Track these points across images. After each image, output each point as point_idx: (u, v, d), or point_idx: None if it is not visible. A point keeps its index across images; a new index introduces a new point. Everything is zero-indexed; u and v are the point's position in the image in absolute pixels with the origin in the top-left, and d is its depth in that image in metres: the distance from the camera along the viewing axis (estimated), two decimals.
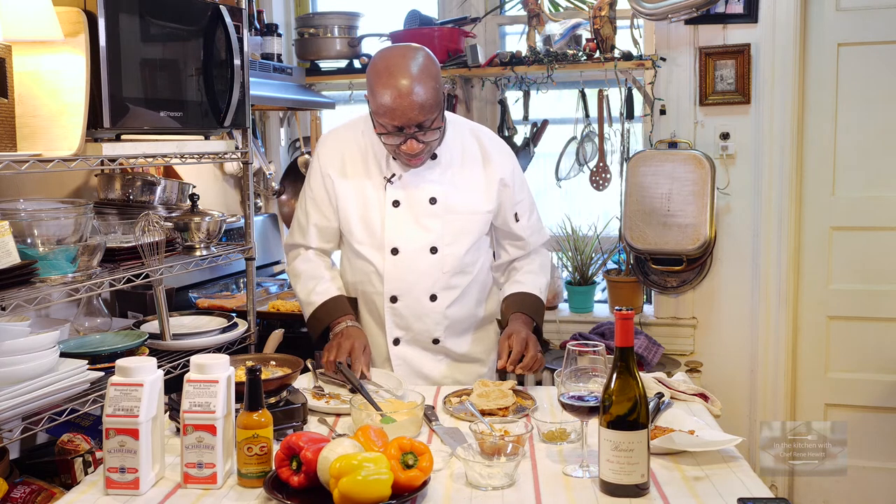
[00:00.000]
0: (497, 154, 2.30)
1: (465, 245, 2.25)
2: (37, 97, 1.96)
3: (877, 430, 3.26)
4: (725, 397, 3.05)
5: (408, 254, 2.22)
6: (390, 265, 2.22)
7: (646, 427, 1.47)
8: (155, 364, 1.59)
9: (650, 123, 3.37)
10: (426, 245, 2.22)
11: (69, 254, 2.00)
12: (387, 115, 2.05)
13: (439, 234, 2.22)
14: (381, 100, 2.04)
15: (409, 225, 2.22)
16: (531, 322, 2.24)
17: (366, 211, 2.24)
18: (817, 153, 3.26)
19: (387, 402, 1.90)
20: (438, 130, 2.12)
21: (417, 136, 2.08)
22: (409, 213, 2.22)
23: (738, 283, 3.33)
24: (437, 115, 2.09)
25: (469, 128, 2.35)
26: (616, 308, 1.56)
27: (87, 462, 2.16)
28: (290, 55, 3.83)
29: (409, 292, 2.23)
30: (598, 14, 3.19)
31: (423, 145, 2.11)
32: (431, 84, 2.05)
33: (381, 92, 2.04)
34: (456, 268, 2.24)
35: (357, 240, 2.26)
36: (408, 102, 2.01)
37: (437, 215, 2.22)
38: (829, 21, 3.18)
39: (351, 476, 1.37)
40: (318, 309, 2.26)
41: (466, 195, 2.25)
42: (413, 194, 2.22)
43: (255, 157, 3.50)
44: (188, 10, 2.32)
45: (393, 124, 2.06)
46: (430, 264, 2.22)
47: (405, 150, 2.10)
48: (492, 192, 2.26)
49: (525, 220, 2.33)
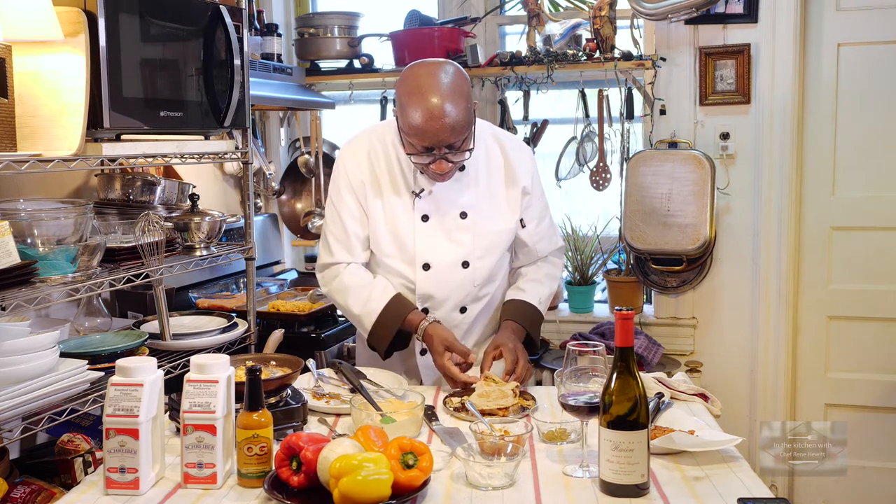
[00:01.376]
0: (519, 163, 2.26)
1: (495, 257, 2.23)
2: (37, 97, 1.96)
3: (877, 430, 3.26)
4: (725, 397, 3.05)
5: (440, 269, 2.19)
6: (422, 280, 2.19)
7: (646, 427, 1.47)
8: (155, 364, 1.59)
9: (650, 123, 3.37)
10: (458, 259, 2.19)
11: (69, 254, 2.00)
12: (417, 136, 2.00)
13: (471, 249, 2.19)
14: (411, 120, 1.99)
15: (440, 240, 2.18)
16: (522, 332, 2.21)
17: (395, 225, 2.19)
18: (817, 153, 3.26)
19: (387, 402, 1.90)
20: (469, 151, 2.07)
21: (447, 156, 2.03)
22: (440, 227, 2.18)
23: (738, 283, 3.33)
24: (468, 135, 2.05)
25: (491, 133, 2.29)
26: (616, 308, 1.56)
27: (87, 462, 2.16)
28: (290, 55, 3.83)
29: (441, 306, 2.21)
30: (598, 14, 3.19)
31: (452, 165, 2.07)
32: (463, 104, 2.00)
33: (411, 111, 1.98)
34: (486, 279, 2.22)
35: (386, 253, 2.20)
36: (439, 125, 1.96)
37: (468, 229, 2.19)
38: (829, 21, 3.18)
39: (351, 476, 1.37)
40: (383, 313, 2.14)
41: (495, 207, 2.22)
42: (442, 209, 2.18)
43: (255, 157, 3.50)
44: (188, 10, 2.32)
45: (423, 145, 2.01)
46: (462, 278, 2.20)
47: (434, 170, 2.06)
48: (515, 202, 2.24)
49: (532, 227, 2.29)
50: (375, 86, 3.72)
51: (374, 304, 2.16)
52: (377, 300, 2.16)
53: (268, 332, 2.94)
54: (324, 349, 3.01)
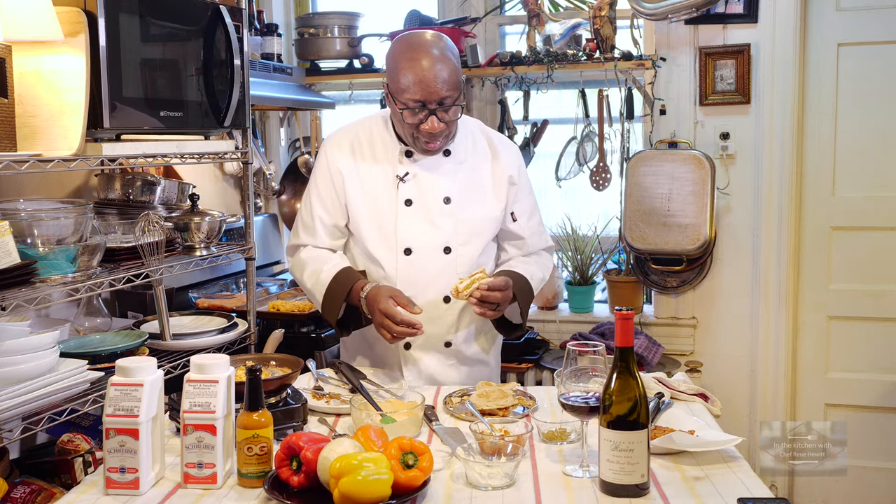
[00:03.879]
0: (505, 152, 2.29)
1: (478, 245, 2.23)
2: (37, 97, 1.96)
3: (877, 430, 3.26)
4: (725, 397, 3.05)
5: (421, 254, 2.18)
6: (403, 265, 2.18)
7: (646, 427, 1.47)
8: (155, 364, 1.59)
9: (650, 123, 3.37)
10: (440, 244, 2.19)
11: (69, 254, 2.00)
12: (409, 90, 2.03)
13: (453, 234, 2.19)
14: (404, 75, 2.04)
15: (422, 224, 2.18)
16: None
17: (377, 210, 2.20)
18: (817, 153, 3.26)
19: (387, 402, 1.90)
20: (459, 109, 2.11)
21: (438, 112, 2.06)
22: (423, 212, 2.18)
23: (737, 283, 3.33)
24: (459, 95, 2.09)
25: (478, 126, 2.34)
26: (616, 308, 1.56)
27: (87, 462, 2.16)
28: (290, 55, 3.83)
29: (423, 294, 2.18)
30: (598, 14, 3.20)
31: (443, 126, 2.08)
32: (454, 63, 2.07)
33: (404, 68, 2.04)
34: (470, 269, 2.19)
35: (367, 239, 2.21)
36: (432, 75, 2.02)
37: (451, 214, 2.19)
38: (829, 21, 3.18)
39: (351, 476, 1.37)
40: (332, 283, 2.15)
41: (480, 195, 2.23)
42: (426, 194, 2.19)
43: (255, 157, 3.50)
44: (188, 10, 2.32)
45: (416, 99, 2.04)
46: (444, 264, 2.19)
47: (426, 129, 2.07)
48: (501, 191, 2.25)
49: (524, 221, 2.30)
50: (375, 86, 3.72)
51: (325, 275, 2.18)
52: (328, 272, 2.18)
53: (268, 332, 2.94)
54: (324, 349, 3.01)
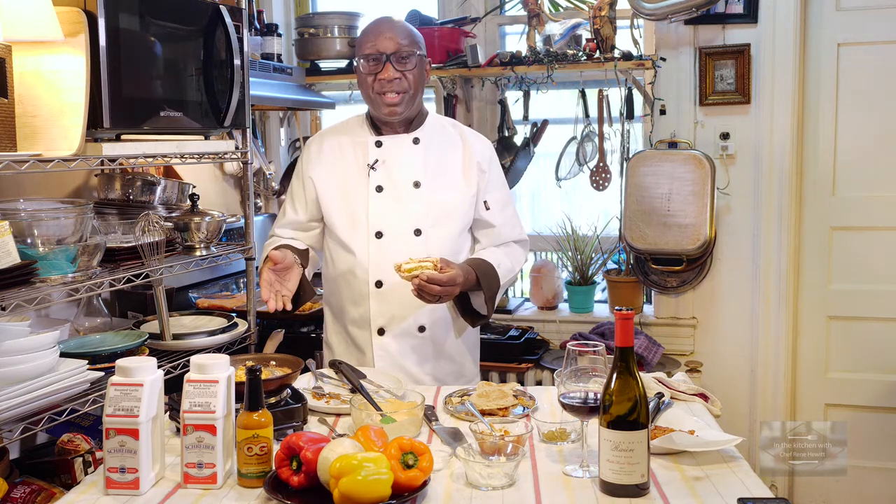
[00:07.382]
0: (476, 142, 2.35)
1: (451, 229, 2.26)
2: (37, 97, 1.96)
3: (877, 430, 3.26)
4: (725, 397, 3.05)
5: (392, 237, 2.22)
6: (374, 249, 2.22)
7: (646, 427, 1.47)
8: (155, 364, 1.59)
9: (650, 123, 3.37)
10: (410, 227, 2.23)
11: (69, 254, 2.00)
12: (366, 44, 2.21)
13: (423, 216, 2.24)
14: (363, 34, 2.25)
15: (393, 208, 2.24)
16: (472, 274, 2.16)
17: (349, 200, 2.26)
18: (817, 153, 3.26)
19: (387, 402, 1.90)
20: (417, 66, 2.23)
21: (393, 61, 2.18)
22: (393, 197, 2.24)
23: (738, 283, 3.33)
24: (415, 52, 2.22)
25: (451, 122, 2.43)
26: (616, 308, 1.56)
27: (87, 462, 2.16)
28: (290, 55, 3.83)
29: (395, 276, 2.12)
30: (598, 14, 3.19)
31: (399, 75, 2.18)
32: (410, 27, 2.26)
33: (364, 31, 2.27)
34: (443, 253, 2.18)
35: (339, 228, 2.27)
36: (386, 27, 2.22)
37: (421, 198, 2.24)
38: (829, 21, 3.18)
39: (351, 476, 1.37)
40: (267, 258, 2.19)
41: (449, 180, 2.28)
42: (396, 179, 2.25)
43: (255, 157, 3.50)
44: (188, 10, 2.32)
45: (371, 52, 2.19)
46: (415, 247, 2.21)
47: (383, 78, 2.18)
48: (472, 177, 2.29)
49: (497, 210, 2.32)
50: None
51: (266, 252, 2.24)
52: (268, 249, 2.25)
53: (268, 332, 2.94)
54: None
